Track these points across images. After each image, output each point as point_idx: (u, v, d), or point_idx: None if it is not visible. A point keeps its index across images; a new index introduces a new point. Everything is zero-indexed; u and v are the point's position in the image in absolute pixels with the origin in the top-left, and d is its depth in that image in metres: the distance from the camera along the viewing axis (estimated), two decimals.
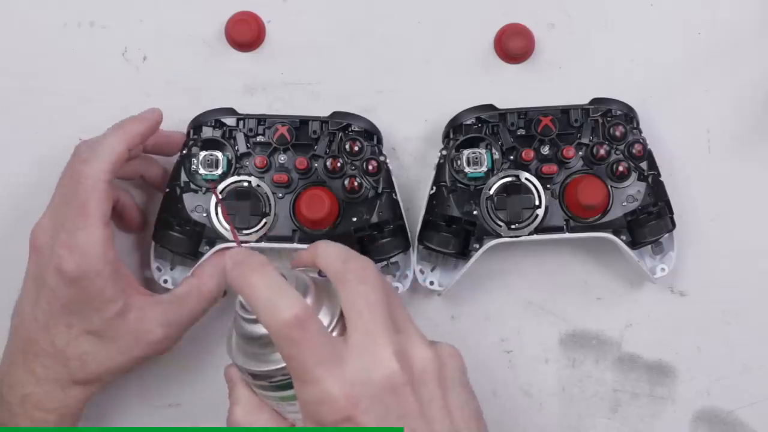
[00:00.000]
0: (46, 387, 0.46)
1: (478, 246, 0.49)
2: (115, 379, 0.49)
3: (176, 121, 0.52)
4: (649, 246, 0.51)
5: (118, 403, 0.54)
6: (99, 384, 0.48)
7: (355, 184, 0.49)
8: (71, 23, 0.55)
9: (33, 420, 0.46)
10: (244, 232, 0.49)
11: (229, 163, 0.50)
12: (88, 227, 0.44)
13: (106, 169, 0.45)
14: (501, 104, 0.51)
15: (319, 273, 0.42)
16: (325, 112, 0.52)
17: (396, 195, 0.50)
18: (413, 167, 0.55)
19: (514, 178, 0.50)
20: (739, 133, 0.55)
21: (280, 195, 0.50)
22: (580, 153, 0.50)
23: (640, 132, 0.51)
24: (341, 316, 0.39)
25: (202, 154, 0.50)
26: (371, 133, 0.51)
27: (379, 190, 0.50)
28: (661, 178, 0.51)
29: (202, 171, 0.50)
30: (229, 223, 0.49)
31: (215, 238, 0.50)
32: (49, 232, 0.45)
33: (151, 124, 0.49)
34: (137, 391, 0.54)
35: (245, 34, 0.54)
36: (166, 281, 0.51)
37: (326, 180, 0.50)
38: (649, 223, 0.50)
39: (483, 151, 0.50)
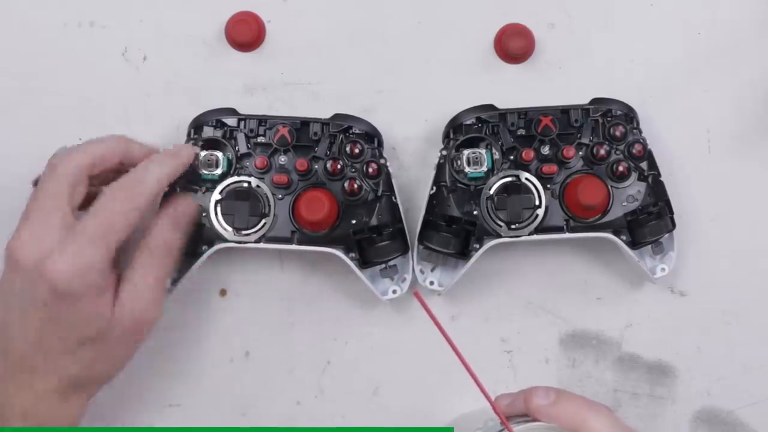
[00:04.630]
0: (48, 399, 0.44)
1: (478, 246, 0.49)
2: (117, 373, 0.48)
3: (176, 121, 0.52)
4: (649, 246, 0.51)
5: (118, 403, 0.54)
6: (100, 385, 0.47)
7: (355, 186, 0.49)
8: (71, 23, 0.55)
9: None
10: (243, 232, 0.49)
11: (229, 163, 0.50)
12: (99, 244, 0.43)
13: (82, 162, 0.45)
14: (501, 104, 0.51)
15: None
16: (325, 112, 0.52)
17: (396, 198, 0.50)
18: (413, 167, 0.55)
19: (514, 178, 0.50)
20: (739, 133, 0.55)
21: (280, 196, 0.50)
22: (580, 153, 0.50)
23: (640, 132, 0.51)
24: None
25: (203, 153, 0.50)
26: (372, 136, 0.51)
27: (379, 193, 0.50)
28: (661, 178, 0.51)
29: (202, 171, 0.50)
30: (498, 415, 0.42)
31: (214, 238, 0.50)
32: (30, 246, 0.43)
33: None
34: (137, 391, 0.54)
35: (245, 34, 0.54)
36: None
37: (326, 182, 0.50)
38: (649, 223, 0.50)
39: (483, 151, 0.50)
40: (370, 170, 0.50)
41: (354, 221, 0.50)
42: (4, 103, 0.55)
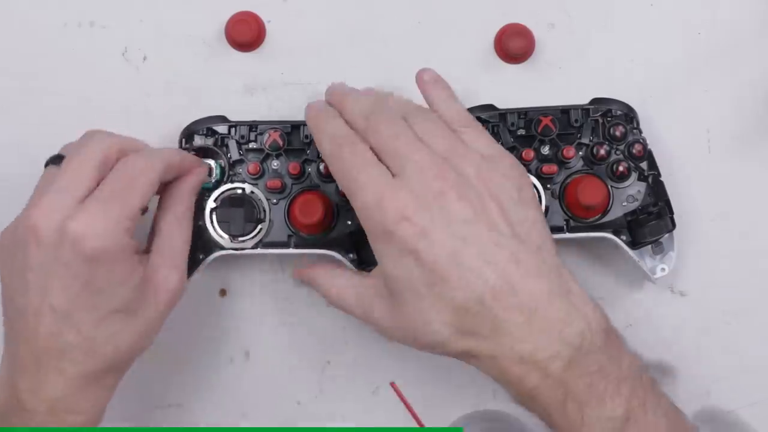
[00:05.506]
0: (79, 384, 0.42)
1: None
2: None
3: (176, 122, 0.52)
4: (649, 246, 0.51)
5: (118, 403, 0.53)
6: (129, 365, 0.46)
7: None
8: (71, 23, 0.55)
9: (63, 423, 0.42)
10: (240, 239, 0.50)
11: (222, 170, 0.50)
12: (122, 203, 0.42)
13: (157, 167, 0.44)
14: (501, 104, 0.51)
15: None
16: None
17: None
18: None
19: None
20: (739, 133, 0.55)
21: (275, 201, 0.50)
22: (580, 153, 0.50)
23: (640, 132, 0.51)
24: None
25: None
26: None
27: None
28: (661, 178, 0.51)
29: None
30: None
31: (211, 246, 0.50)
32: (50, 212, 0.41)
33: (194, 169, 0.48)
34: (137, 391, 0.54)
35: (245, 34, 0.54)
36: None
37: (320, 184, 0.50)
38: (649, 223, 0.50)
39: None
40: None
41: (350, 222, 0.50)
42: (4, 103, 0.55)
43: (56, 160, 0.46)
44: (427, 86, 0.48)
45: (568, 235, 0.50)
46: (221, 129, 0.51)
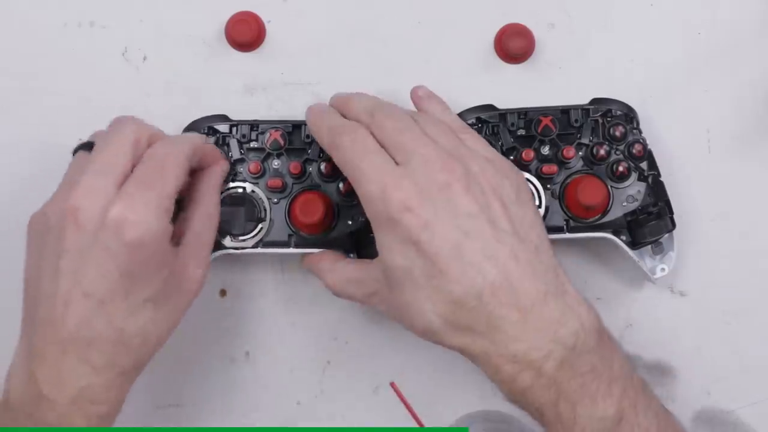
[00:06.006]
0: (105, 376, 0.42)
1: None
2: None
3: (176, 122, 0.52)
4: (649, 246, 0.51)
5: None
6: (150, 360, 0.45)
7: (350, 186, 0.49)
8: (71, 23, 0.55)
9: (88, 416, 0.42)
10: (240, 238, 0.50)
11: None
12: (161, 188, 0.42)
13: (186, 151, 0.44)
14: (501, 104, 0.51)
15: None
16: None
17: None
18: None
19: None
20: (739, 133, 0.55)
21: (275, 200, 0.50)
22: (580, 153, 0.50)
23: (640, 132, 0.51)
24: None
25: None
26: None
27: None
28: (661, 178, 0.51)
29: None
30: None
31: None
32: (97, 200, 0.40)
33: (217, 160, 0.49)
34: (137, 391, 0.54)
35: (245, 34, 0.54)
36: None
37: (321, 184, 0.50)
38: (649, 223, 0.50)
39: None
40: None
41: (350, 222, 0.50)
42: (4, 103, 0.55)
43: (86, 146, 0.46)
44: (423, 101, 0.49)
45: (568, 235, 0.50)
46: (222, 128, 0.51)
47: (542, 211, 0.49)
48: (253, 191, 0.50)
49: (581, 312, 0.42)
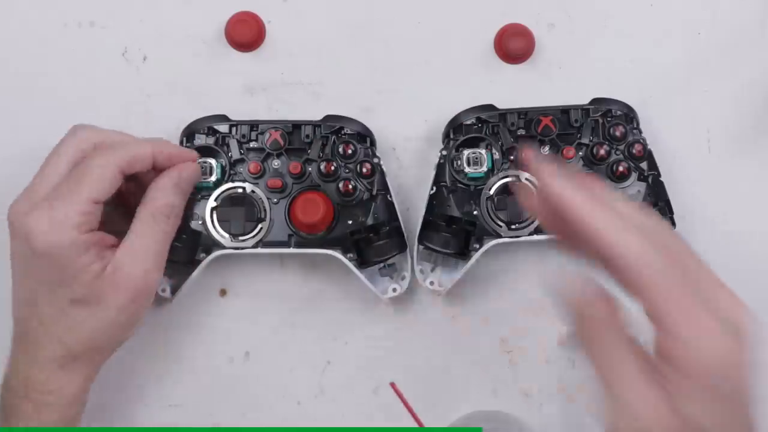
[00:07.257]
0: (46, 368, 0.45)
1: (478, 246, 0.50)
2: (119, 346, 0.48)
3: (176, 122, 0.52)
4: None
5: (118, 403, 0.54)
6: (101, 356, 0.47)
7: (350, 186, 0.49)
8: (71, 23, 0.55)
9: (35, 403, 0.45)
10: (240, 238, 0.50)
11: (223, 170, 0.50)
12: (70, 199, 0.43)
13: (117, 161, 0.45)
14: (501, 104, 0.51)
15: None
16: (325, 112, 0.52)
17: (391, 196, 0.50)
18: (413, 167, 0.55)
19: (514, 178, 0.50)
20: (739, 133, 0.55)
21: (275, 200, 0.50)
22: (580, 153, 0.51)
23: (640, 132, 0.51)
24: None
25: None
26: (364, 136, 0.51)
27: (374, 192, 0.50)
28: (661, 178, 0.51)
29: None
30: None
31: (211, 245, 0.50)
32: (23, 209, 0.44)
33: (186, 160, 0.48)
34: (137, 391, 0.54)
35: (245, 34, 0.54)
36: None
37: (320, 184, 0.50)
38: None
39: (483, 151, 0.50)
40: (364, 170, 0.50)
41: (350, 222, 0.50)
42: (5, 103, 0.55)
43: None
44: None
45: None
46: (222, 128, 0.51)
47: None
48: (253, 191, 0.50)
49: None
